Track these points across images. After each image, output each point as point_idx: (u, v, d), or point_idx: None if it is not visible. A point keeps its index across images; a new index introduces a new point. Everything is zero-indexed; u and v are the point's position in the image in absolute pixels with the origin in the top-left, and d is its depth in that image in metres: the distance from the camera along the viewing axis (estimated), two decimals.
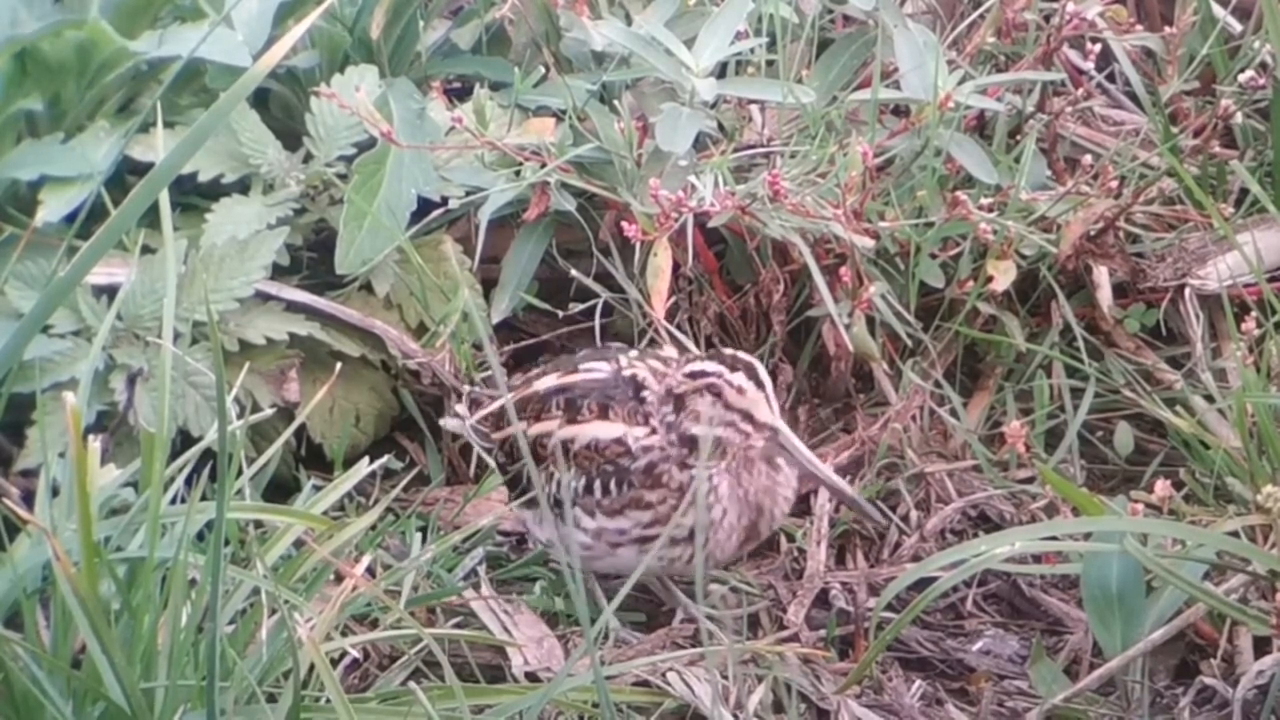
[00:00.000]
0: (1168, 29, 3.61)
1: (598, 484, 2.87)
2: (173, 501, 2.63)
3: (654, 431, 2.86)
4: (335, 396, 3.38)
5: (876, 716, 2.87)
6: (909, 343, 3.40)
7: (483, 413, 3.05)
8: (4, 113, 3.40)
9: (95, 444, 2.51)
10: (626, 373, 2.91)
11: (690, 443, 2.84)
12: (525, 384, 2.99)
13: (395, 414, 3.49)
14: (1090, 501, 2.98)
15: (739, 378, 2.82)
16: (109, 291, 3.25)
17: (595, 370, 2.94)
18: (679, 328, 3.36)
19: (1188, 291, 3.39)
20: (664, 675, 2.85)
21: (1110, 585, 2.83)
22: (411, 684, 2.82)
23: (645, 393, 2.88)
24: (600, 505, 2.88)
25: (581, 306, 3.41)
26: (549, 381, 2.95)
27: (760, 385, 2.82)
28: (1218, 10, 3.66)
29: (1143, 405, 3.36)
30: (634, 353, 2.97)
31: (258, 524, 3.03)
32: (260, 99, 3.57)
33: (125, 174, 3.31)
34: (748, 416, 2.82)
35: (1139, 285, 3.47)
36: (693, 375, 2.84)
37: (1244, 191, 3.55)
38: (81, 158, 3.33)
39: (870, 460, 3.28)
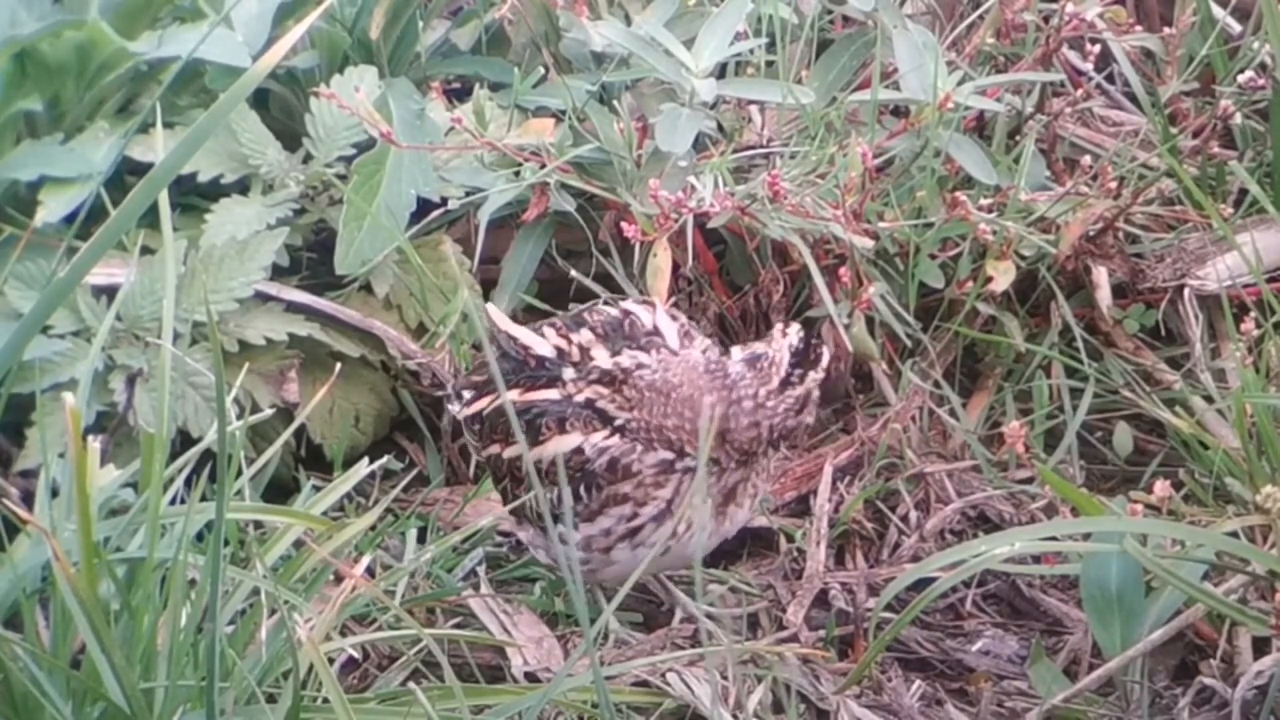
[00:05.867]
0: (1167, 30, 3.61)
1: (569, 494, 2.83)
2: (172, 502, 2.63)
3: (612, 433, 2.84)
4: (335, 397, 3.37)
5: (876, 717, 2.86)
6: (908, 343, 3.40)
7: (470, 411, 3.00)
8: (4, 113, 3.39)
9: (95, 444, 2.50)
10: (579, 398, 2.87)
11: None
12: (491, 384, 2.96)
13: (395, 414, 3.48)
14: (1090, 502, 2.98)
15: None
16: (109, 292, 3.25)
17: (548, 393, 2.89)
18: None
19: (1187, 292, 3.39)
20: (664, 675, 2.84)
21: (1110, 585, 2.82)
22: (411, 684, 2.82)
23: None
24: (578, 513, 2.85)
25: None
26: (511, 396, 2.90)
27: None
28: (1217, 11, 3.66)
29: (1142, 406, 3.36)
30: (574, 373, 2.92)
31: (257, 524, 3.03)
32: (260, 99, 3.56)
33: (125, 174, 3.31)
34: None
35: (1138, 286, 3.47)
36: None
37: (1243, 192, 3.54)
38: (81, 158, 3.32)
39: (870, 460, 3.28)
